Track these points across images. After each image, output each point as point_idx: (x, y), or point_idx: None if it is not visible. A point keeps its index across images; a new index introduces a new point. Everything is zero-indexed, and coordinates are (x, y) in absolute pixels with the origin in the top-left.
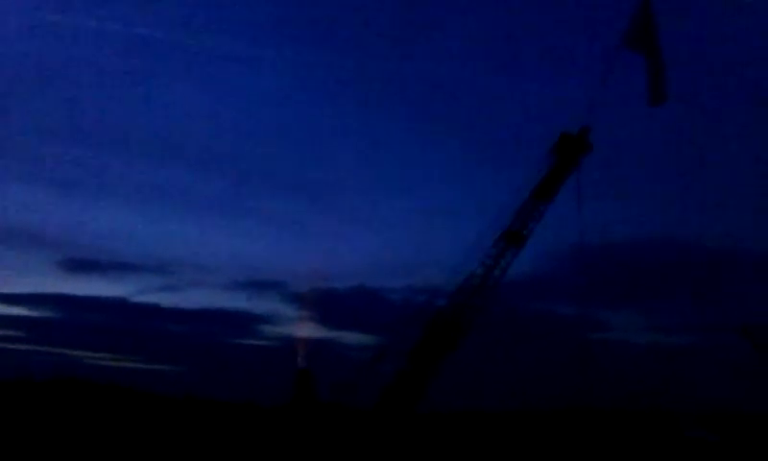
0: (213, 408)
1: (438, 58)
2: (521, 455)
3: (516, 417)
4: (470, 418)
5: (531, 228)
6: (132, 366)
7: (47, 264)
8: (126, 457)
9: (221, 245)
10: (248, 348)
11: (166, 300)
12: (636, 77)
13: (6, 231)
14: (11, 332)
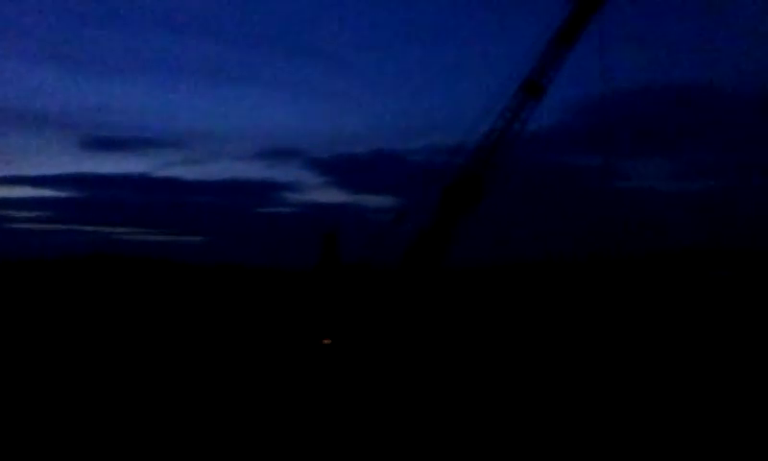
0: (240, 274)
1: None
2: (547, 305)
3: (540, 268)
4: (496, 272)
5: (551, 76)
6: (159, 238)
7: (69, 145)
8: (161, 324)
9: (239, 115)
10: (271, 215)
11: (189, 173)
12: None
13: (27, 115)
14: (39, 213)
